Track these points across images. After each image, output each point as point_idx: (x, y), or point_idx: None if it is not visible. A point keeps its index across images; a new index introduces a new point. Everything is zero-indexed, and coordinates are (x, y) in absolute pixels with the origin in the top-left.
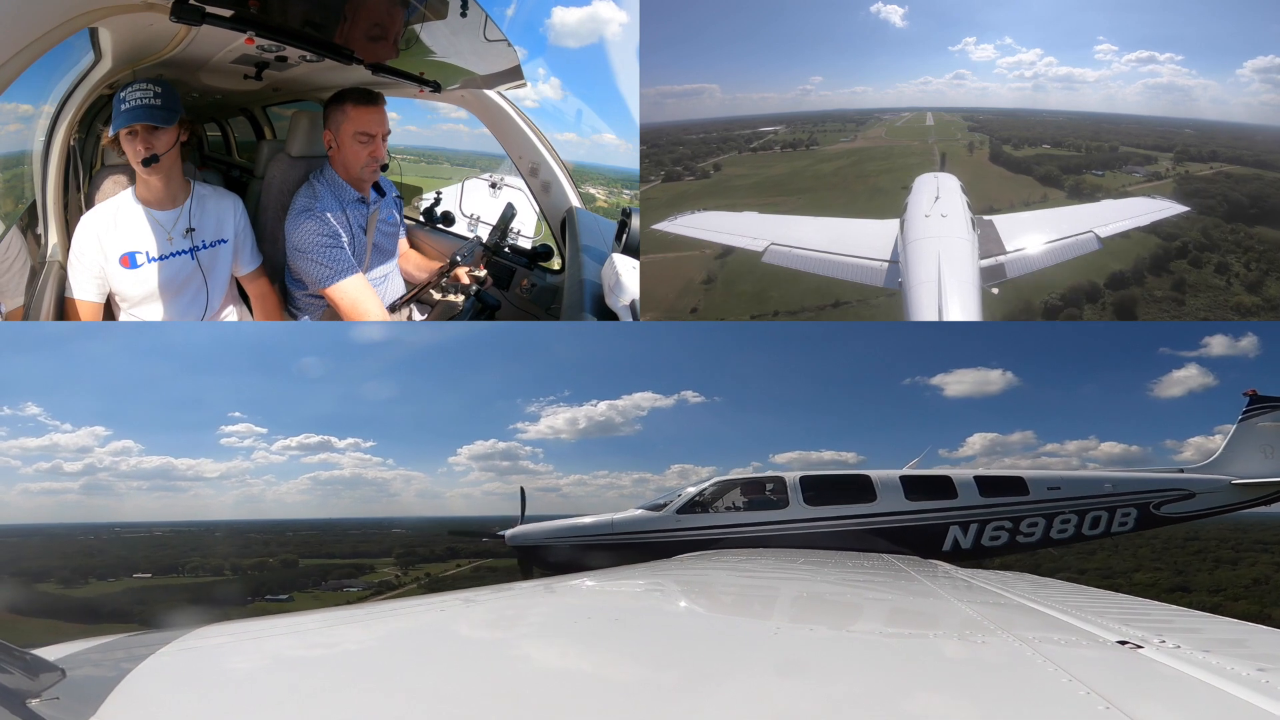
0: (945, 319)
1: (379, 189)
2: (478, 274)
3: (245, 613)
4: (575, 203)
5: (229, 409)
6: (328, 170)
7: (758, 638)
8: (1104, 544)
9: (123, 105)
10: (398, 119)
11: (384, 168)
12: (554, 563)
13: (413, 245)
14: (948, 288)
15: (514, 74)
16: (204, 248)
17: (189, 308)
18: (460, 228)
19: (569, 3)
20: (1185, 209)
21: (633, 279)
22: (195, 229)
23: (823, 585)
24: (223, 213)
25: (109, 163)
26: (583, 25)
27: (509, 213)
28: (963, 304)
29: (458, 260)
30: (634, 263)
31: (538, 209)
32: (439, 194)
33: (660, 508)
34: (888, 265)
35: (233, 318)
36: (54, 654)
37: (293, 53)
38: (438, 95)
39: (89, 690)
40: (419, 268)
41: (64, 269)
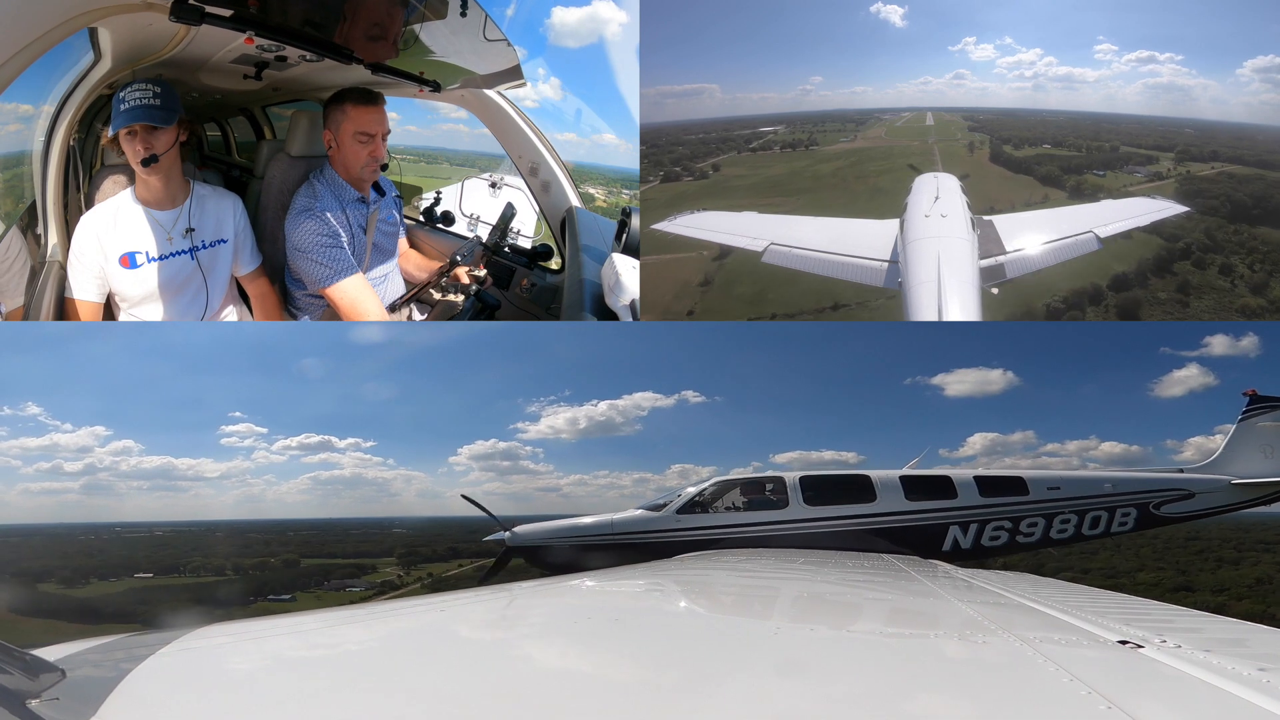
0: (945, 319)
1: (379, 188)
2: (478, 274)
3: (248, 613)
4: (575, 202)
5: (229, 409)
6: (328, 170)
7: (758, 638)
8: (1107, 544)
9: (122, 105)
10: (398, 119)
11: (384, 167)
12: (554, 563)
13: (413, 245)
14: (947, 288)
15: (514, 74)
16: (204, 248)
17: (189, 308)
18: (460, 227)
19: (569, 3)
20: (1185, 209)
21: (632, 278)
22: (195, 229)
23: (823, 585)
24: (222, 213)
25: (109, 163)
26: (583, 25)
27: (509, 212)
28: (962, 304)
29: (458, 260)
30: (634, 262)
31: (537, 209)
32: (439, 194)
33: (660, 508)
34: (888, 265)
35: (233, 318)
36: (54, 654)
37: (292, 52)
38: (437, 95)
39: (89, 691)
40: (419, 267)
41: (64, 269)
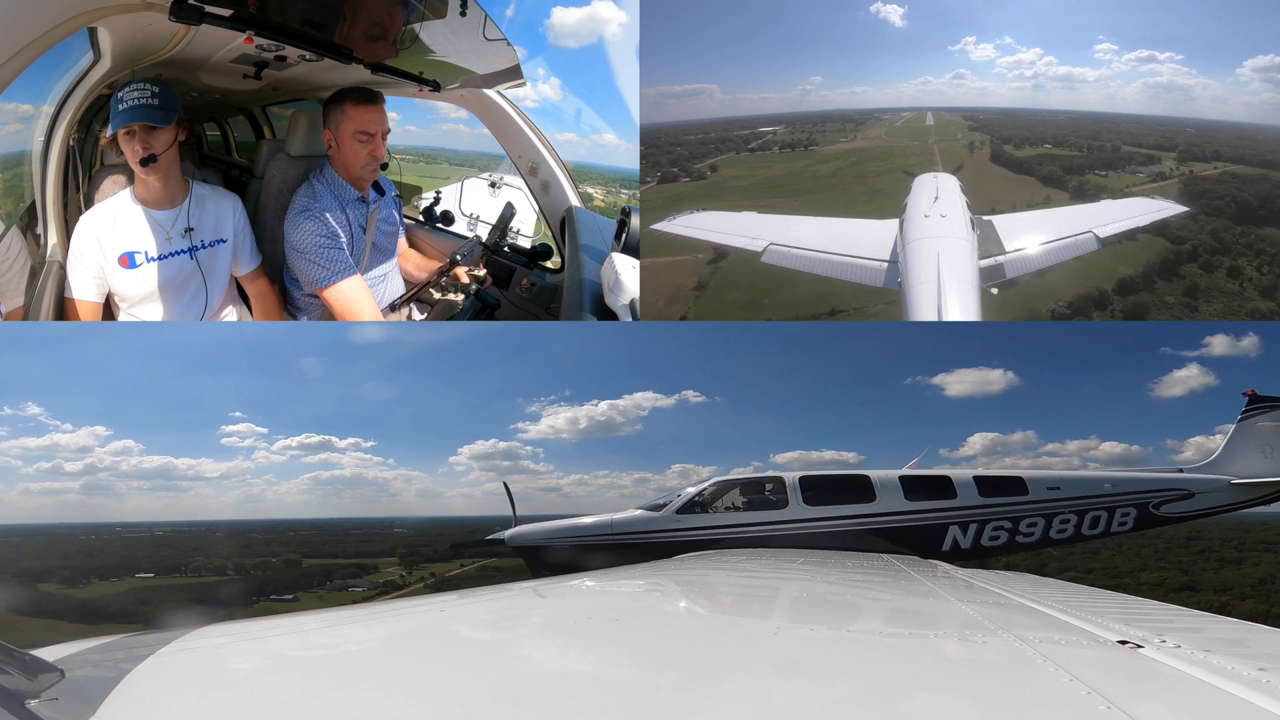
0: (944, 319)
1: (379, 188)
2: (477, 273)
3: (251, 613)
4: (575, 202)
5: (229, 409)
6: (327, 169)
7: (758, 638)
8: (1109, 544)
9: (120, 105)
10: (397, 119)
11: (384, 166)
12: (554, 563)
13: (412, 245)
14: (947, 288)
15: (513, 73)
16: (203, 247)
17: (188, 307)
18: (460, 227)
19: (569, 3)
20: (1185, 209)
21: (632, 278)
22: (194, 229)
23: (823, 585)
24: (222, 212)
25: (108, 162)
26: (583, 25)
27: (508, 212)
28: (962, 304)
29: (457, 259)
30: (633, 262)
31: (537, 208)
32: (438, 193)
33: (660, 508)
34: (887, 265)
35: (232, 317)
36: (53, 654)
37: (292, 52)
38: (437, 95)
39: (88, 691)
40: (419, 267)
41: (64, 269)
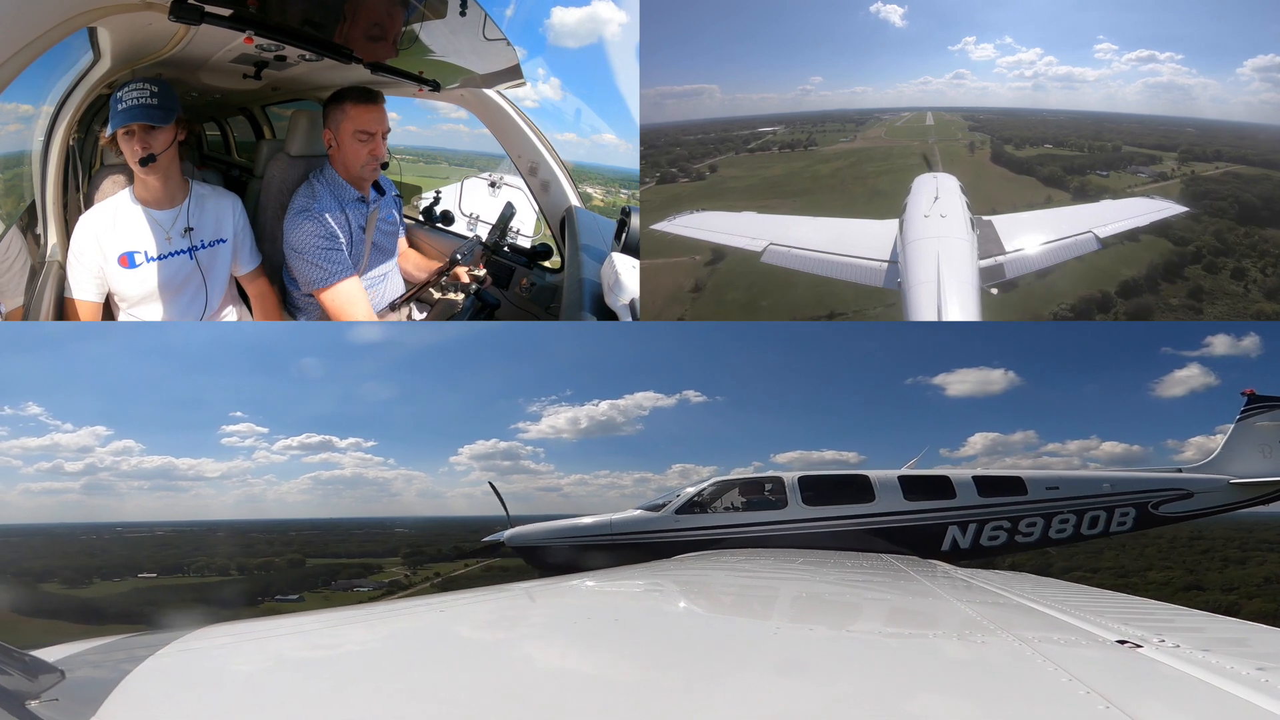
0: (944, 319)
1: (379, 187)
2: (477, 273)
3: (255, 613)
4: (574, 202)
5: (229, 409)
6: (327, 169)
7: (758, 638)
8: (1113, 543)
9: (119, 105)
10: (397, 118)
11: (384, 166)
12: (553, 563)
13: (412, 244)
14: (947, 288)
15: (513, 73)
16: (203, 247)
17: (188, 307)
18: (460, 227)
19: (569, 3)
20: (1185, 209)
21: (632, 278)
22: (194, 228)
23: (822, 585)
24: (221, 212)
25: (108, 162)
26: (582, 25)
27: (508, 212)
28: (962, 304)
29: (457, 259)
30: (633, 262)
31: (537, 208)
32: (438, 193)
33: (659, 508)
34: (887, 265)
35: (232, 317)
36: (53, 655)
37: (292, 52)
38: (437, 94)
39: (88, 691)
40: (418, 267)
41: (63, 269)
